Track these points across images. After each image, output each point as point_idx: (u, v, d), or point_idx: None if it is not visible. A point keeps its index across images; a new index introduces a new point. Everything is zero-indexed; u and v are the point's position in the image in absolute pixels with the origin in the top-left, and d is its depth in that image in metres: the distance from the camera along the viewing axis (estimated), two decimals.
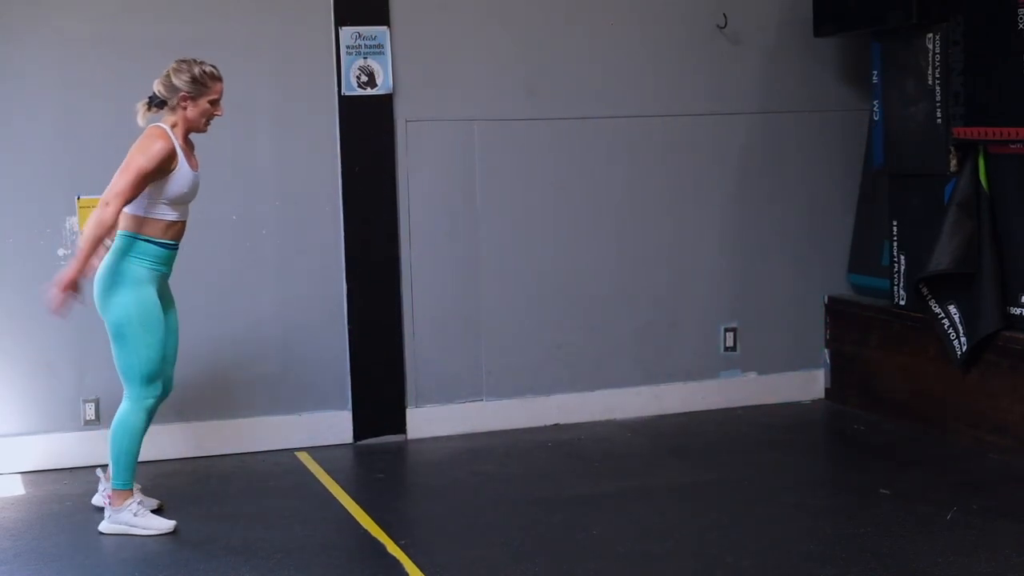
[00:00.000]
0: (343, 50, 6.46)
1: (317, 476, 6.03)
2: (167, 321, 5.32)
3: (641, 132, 6.98)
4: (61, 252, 6.20)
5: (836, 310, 7.27)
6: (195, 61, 5.28)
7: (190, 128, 5.31)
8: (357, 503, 5.58)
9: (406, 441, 6.66)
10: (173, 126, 5.26)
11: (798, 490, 5.66)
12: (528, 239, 6.86)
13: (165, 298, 5.35)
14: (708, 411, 7.13)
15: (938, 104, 6.34)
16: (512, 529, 5.19)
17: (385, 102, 6.55)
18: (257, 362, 6.50)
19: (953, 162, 6.31)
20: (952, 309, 6.31)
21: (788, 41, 7.17)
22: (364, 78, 6.50)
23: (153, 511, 5.35)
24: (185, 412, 6.39)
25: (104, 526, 5.27)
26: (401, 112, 6.59)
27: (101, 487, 5.47)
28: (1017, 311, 6.06)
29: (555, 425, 6.87)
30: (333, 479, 5.96)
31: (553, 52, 6.83)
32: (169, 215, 5.24)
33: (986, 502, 5.37)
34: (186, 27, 6.29)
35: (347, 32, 6.46)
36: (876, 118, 6.78)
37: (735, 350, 7.24)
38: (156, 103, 5.29)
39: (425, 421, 6.71)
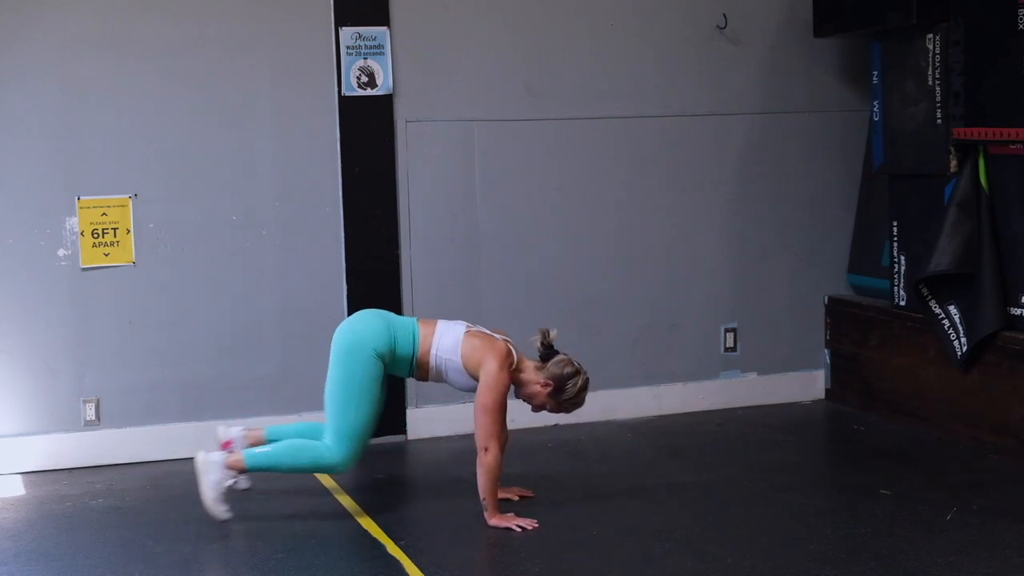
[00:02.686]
0: (343, 50, 6.46)
1: (317, 476, 6.03)
2: (381, 397, 5.39)
3: (641, 132, 6.98)
4: (61, 252, 6.20)
5: (836, 310, 7.27)
6: (586, 385, 5.44)
7: (523, 391, 5.46)
8: (357, 503, 5.58)
9: (406, 441, 6.67)
10: (519, 365, 5.40)
11: (798, 490, 5.66)
12: (528, 239, 6.86)
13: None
14: (708, 411, 7.13)
15: (938, 104, 6.34)
16: (512, 529, 5.19)
17: (385, 102, 6.55)
18: (257, 362, 6.50)
19: (953, 162, 6.31)
20: (952, 309, 6.31)
21: (788, 41, 7.18)
22: (364, 78, 6.50)
23: (244, 489, 5.51)
24: (186, 412, 6.39)
25: (203, 456, 5.27)
26: (401, 112, 6.59)
27: (235, 431, 5.53)
28: (1017, 311, 6.06)
29: (555, 425, 6.87)
30: (333, 479, 5.96)
31: (553, 52, 6.83)
32: (433, 375, 5.43)
33: (986, 502, 5.37)
34: (186, 27, 6.29)
35: (347, 32, 6.46)
36: (876, 118, 6.78)
37: (735, 350, 7.24)
38: (543, 355, 5.46)
39: (425, 421, 6.71)
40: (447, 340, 5.38)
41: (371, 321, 5.37)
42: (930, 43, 6.35)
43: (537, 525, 5.18)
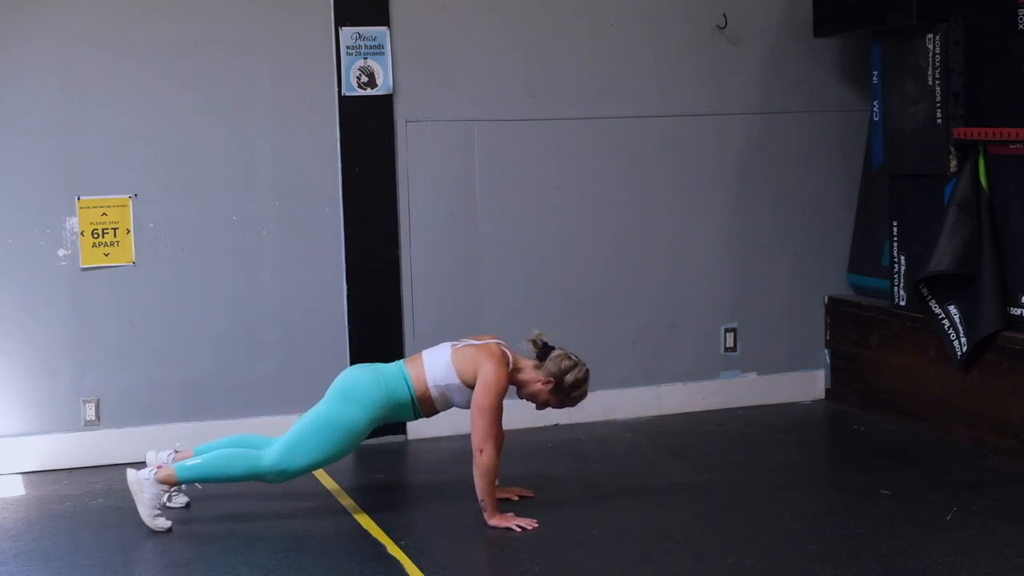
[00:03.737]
0: (343, 50, 6.46)
1: (317, 476, 6.03)
2: (356, 444, 5.39)
3: (641, 132, 6.98)
4: (61, 252, 6.20)
5: (836, 310, 7.27)
6: (587, 377, 5.44)
7: (526, 390, 5.45)
8: (357, 503, 5.58)
9: (406, 441, 6.67)
10: (517, 366, 5.40)
11: (798, 490, 5.66)
12: (528, 239, 6.86)
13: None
14: (708, 411, 7.13)
15: (938, 104, 6.34)
16: (512, 529, 5.18)
17: (385, 102, 6.55)
18: (257, 362, 6.50)
19: (953, 162, 6.31)
20: (952, 309, 6.31)
21: (788, 41, 7.18)
22: (364, 78, 6.50)
23: (181, 507, 5.49)
24: (186, 412, 6.39)
25: (131, 474, 5.26)
26: (401, 112, 6.59)
27: (164, 455, 5.49)
28: (1017, 311, 6.06)
29: (555, 425, 6.87)
30: (333, 479, 5.96)
31: (553, 52, 6.83)
32: (441, 403, 5.43)
33: (986, 502, 5.37)
34: (186, 27, 6.29)
35: (347, 32, 6.46)
36: (876, 118, 6.78)
37: (735, 350, 7.24)
38: (539, 354, 5.44)
39: (425, 421, 6.68)
40: (438, 365, 5.36)
41: (367, 380, 5.31)
42: (930, 43, 6.35)
43: (537, 525, 5.18)
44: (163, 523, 5.24)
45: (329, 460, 5.32)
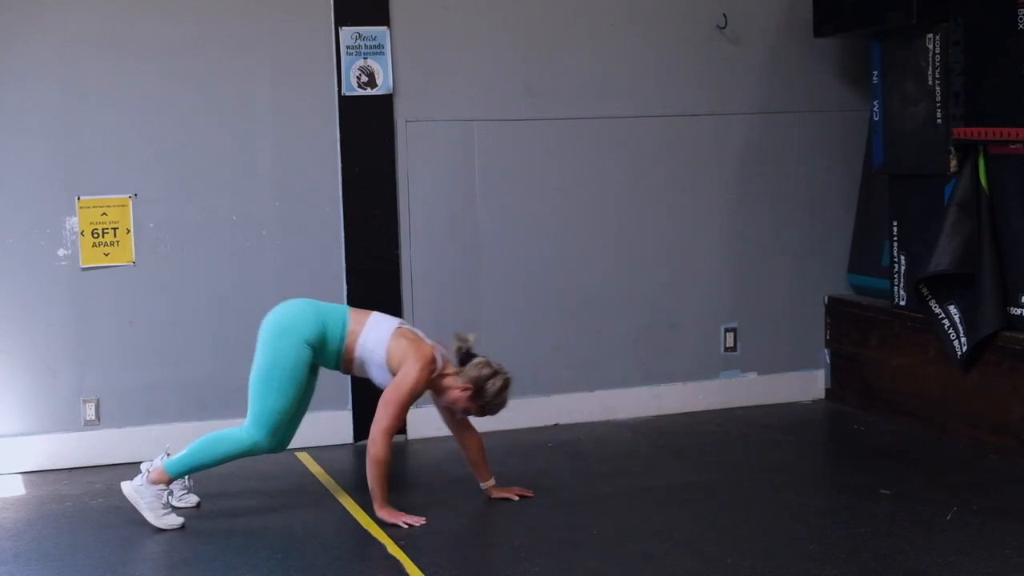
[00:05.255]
0: (343, 50, 6.46)
1: (317, 476, 6.03)
2: (308, 385, 5.40)
3: (641, 132, 6.98)
4: (61, 252, 6.20)
5: (836, 310, 7.27)
6: (507, 384, 5.39)
7: (446, 397, 5.42)
8: (357, 503, 5.58)
9: (406, 441, 6.67)
10: (442, 371, 5.35)
11: (798, 490, 5.66)
12: (528, 239, 6.86)
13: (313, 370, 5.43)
14: (708, 411, 7.13)
15: (938, 104, 6.34)
16: (512, 529, 5.19)
17: (385, 102, 6.55)
18: None
19: (953, 162, 6.31)
20: (952, 309, 6.31)
21: (788, 41, 7.18)
22: (364, 78, 6.50)
23: (191, 507, 5.48)
24: (186, 412, 6.39)
25: (126, 486, 5.28)
26: (401, 112, 6.59)
27: (157, 461, 5.46)
28: (1017, 311, 6.06)
29: (555, 425, 6.87)
30: (333, 479, 5.96)
31: (553, 52, 6.83)
32: (356, 368, 5.41)
33: (986, 502, 5.37)
34: (186, 27, 6.29)
35: (347, 32, 6.46)
36: (876, 118, 6.78)
37: (735, 350, 7.24)
38: (461, 360, 5.39)
39: (425, 421, 6.70)
40: (376, 333, 5.34)
41: (301, 308, 5.34)
42: (930, 43, 6.35)
43: (425, 522, 5.19)
44: (173, 520, 5.25)
45: (292, 402, 5.27)
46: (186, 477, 5.50)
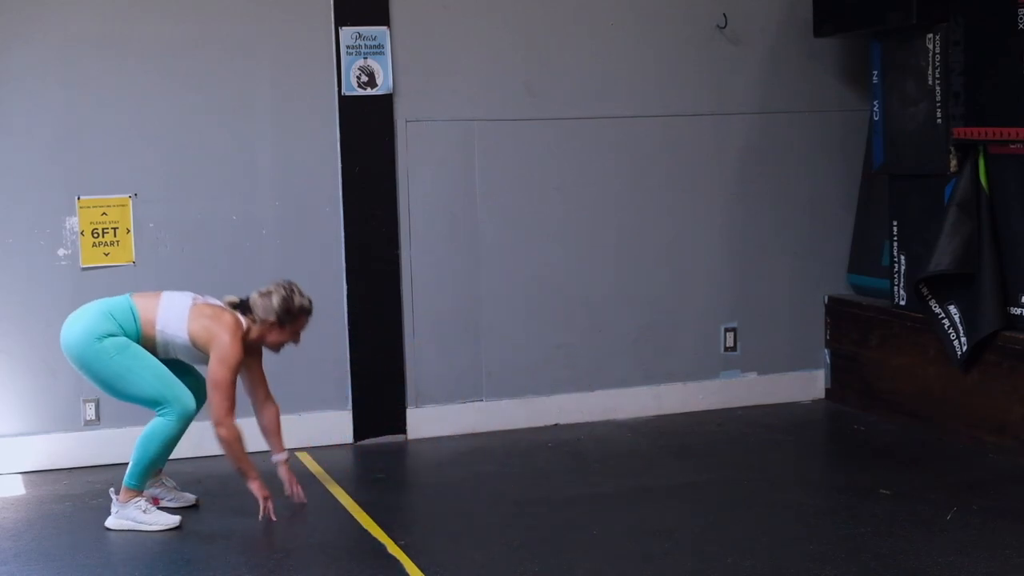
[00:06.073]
0: (343, 50, 6.46)
1: (317, 476, 6.03)
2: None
3: (641, 132, 6.98)
4: (61, 252, 6.20)
5: (836, 310, 7.27)
6: (297, 293, 5.37)
7: (262, 345, 5.43)
8: (357, 503, 5.58)
9: (406, 441, 6.67)
10: (248, 331, 5.33)
11: (798, 490, 5.66)
12: (528, 239, 6.86)
13: None
14: (708, 411, 7.13)
15: (938, 104, 6.34)
16: (512, 529, 5.19)
17: (385, 102, 6.55)
18: None
19: (953, 162, 6.31)
20: (952, 309, 6.31)
21: (788, 41, 7.18)
22: (364, 78, 6.50)
23: (189, 506, 5.50)
24: None
25: (111, 521, 5.30)
26: (401, 112, 6.59)
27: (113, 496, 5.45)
28: (1017, 311, 6.06)
29: (555, 425, 6.87)
30: (333, 479, 5.96)
31: (553, 52, 6.83)
32: (161, 350, 5.32)
33: (986, 502, 5.37)
34: (186, 27, 6.29)
35: (347, 32, 6.46)
36: (876, 118, 6.78)
37: (735, 350, 7.24)
38: (243, 309, 5.36)
39: (425, 421, 6.71)
40: (172, 314, 5.29)
41: (81, 317, 5.26)
42: (930, 43, 6.35)
43: (272, 511, 5.25)
44: (168, 519, 5.27)
45: (154, 365, 5.22)
46: (165, 477, 5.52)
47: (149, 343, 5.30)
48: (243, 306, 5.39)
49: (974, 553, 4.75)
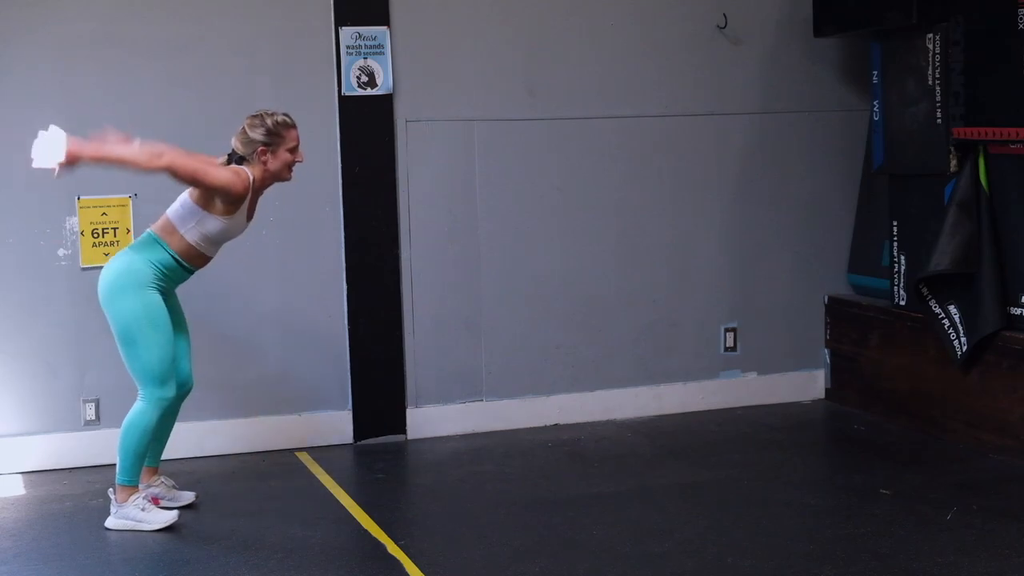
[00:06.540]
0: (343, 50, 6.46)
1: (317, 476, 6.03)
2: (174, 319, 5.36)
3: (641, 132, 6.98)
4: (61, 252, 6.20)
5: (836, 310, 7.27)
6: (267, 113, 5.31)
7: (274, 179, 5.37)
8: (357, 503, 5.59)
9: (406, 441, 6.67)
10: (253, 178, 5.30)
11: (798, 490, 5.67)
12: (528, 239, 6.86)
13: (170, 297, 5.39)
14: (708, 411, 7.13)
15: (938, 104, 6.34)
16: (512, 529, 5.19)
17: (385, 102, 6.55)
18: (257, 362, 6.50)
19: (953, 162, 6.31)
20: (952, 309, 6.31)
21: (788, 41, 7.18)
22: (364, 78, 6.50)
23: (188, 504, 5.49)
24: (185, 412, 6.35)
25: (110, 522, 5.30)
26: (401, 112, 6.59)
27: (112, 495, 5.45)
28: (1017, 311, 6.06)
29: (555, 425, 6.88)
30: (333, 479, 5.96)
31: (553, 52, 6.83)
32: (204, 247, 5.31)
33: (986, 502, 5.37)
34: (186, 27, 6.29)
35: (347, 32, 6.46)
36: (876, 118, 6.78)
37: (735, 350, 7.24)
38: (236, 159, 5.32)
39: (425, 421, 6.71)
40: (177, 209, 5.27)
41: (120, 260, 5.26)
42: (930, 43, 6.35)
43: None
44: (167, 515, 5.28)
45: (167, 348, 5.23)
46: (164, 476, 5.54)
47: (191, 252, 5.28)
48: (231, 158, 5.34)
49: (974, 553, 4.75)
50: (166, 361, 5.26)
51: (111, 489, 5.38)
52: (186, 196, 5.31)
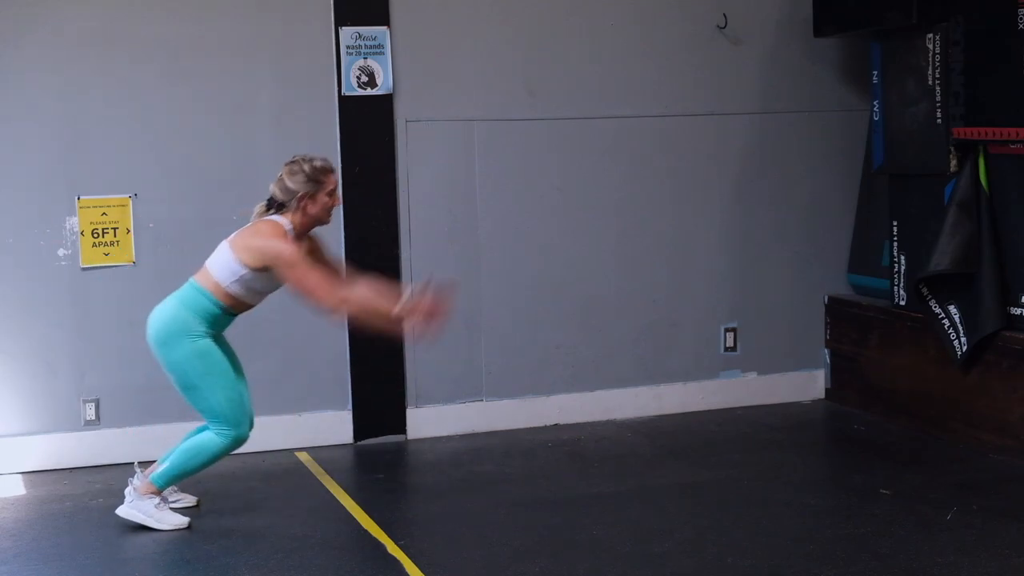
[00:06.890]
0: (343, 50, 6.46)
1: (317, 476, 6.03)
2: (231, 362, 5.35)
3: (641, 132, 6.98)
4: (61, 252, 6.20)
5: (836, 310, 7.27)
6: (304, 159, 5.25)
7: (313, 223, 5.30)
8: (357, 503, 5.59)
9: (406, 441, 6.67)
10: (294, 225, 5.24)
11: (798, 490, 5.67)
12: (528, 239, 6.86)
13: (220, 341, 5.37)
14: (708, 411, 7.13)
15: (938, 104, 6.34)
16: (512, 529, 5.19)
17: (385, 102, 6.55)
18: (257, 362, 6.49)
19: (953, 162, 6.31)
20: (952, 309, 6.31)
21: (788, 41, 7.18)
22: (364, 78, 6.50)
23: (190, 507, 5.48)
24: (185, 412, 6.36)
25: (122, 510, 5.30)
26: (401, 112, 6.59)
27: (135, 480, 5.43)
28: (1017, 311, 6.06)
29: (555, 425, 6.87)
30: (333, 479, 5.97)
31: (553, 52, 6.83)
32: (248, 297, 5.30)
33: (986, 502, 5.37)
34: (187, 27, 6.29)
35: (347, 32, 6.46)
36: (876, 118, 6.78)
37: (735, 350, 7.24)
38: (276, 206, 5.26)
39: (425, 421, 6.71)
40: (221, 263, 5.22)
41: (167, 308, 5.26)
42: (930, 43, 6.35)
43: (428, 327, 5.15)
44: (179, 519, 5.28)
45: (228, 387, 5.22)
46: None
47: (233, 300, 5.26)
48: (271, 204, 5.29)
49: (974, 553, 4.75)
50: (234, 401, 5.25)
51: (133, 477, 5.35)
52: (229, 252, 5.23)
